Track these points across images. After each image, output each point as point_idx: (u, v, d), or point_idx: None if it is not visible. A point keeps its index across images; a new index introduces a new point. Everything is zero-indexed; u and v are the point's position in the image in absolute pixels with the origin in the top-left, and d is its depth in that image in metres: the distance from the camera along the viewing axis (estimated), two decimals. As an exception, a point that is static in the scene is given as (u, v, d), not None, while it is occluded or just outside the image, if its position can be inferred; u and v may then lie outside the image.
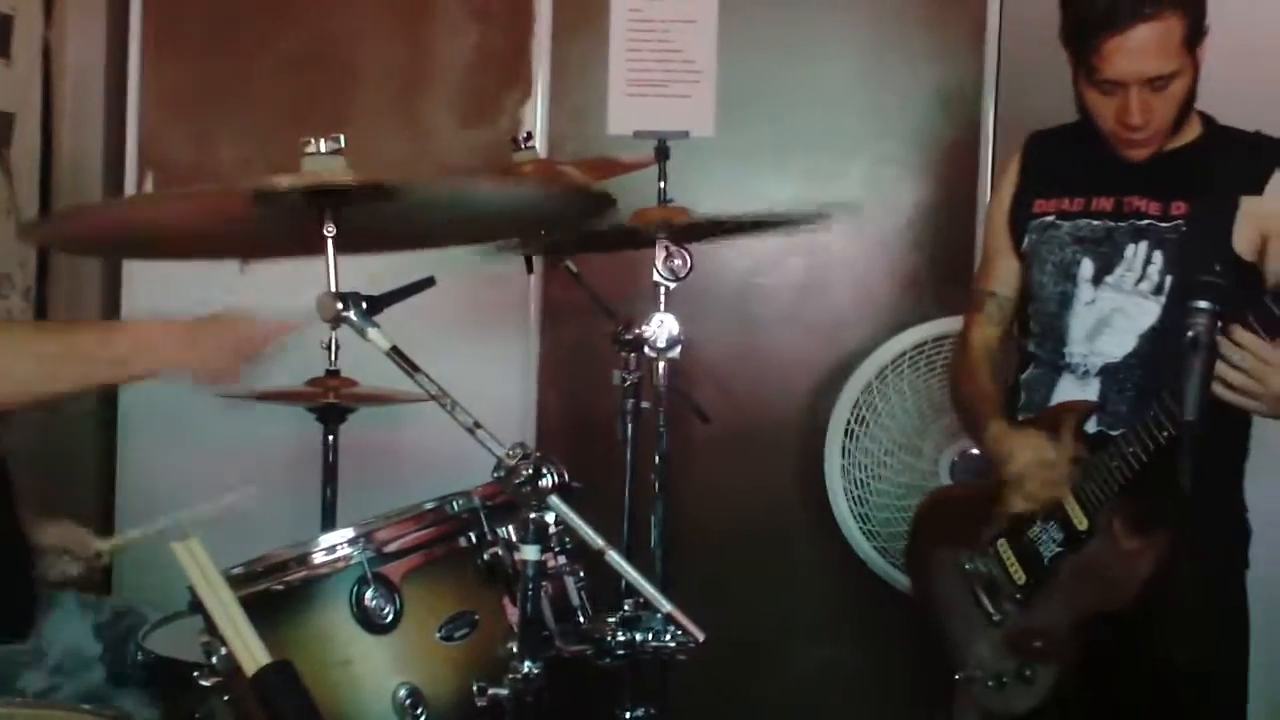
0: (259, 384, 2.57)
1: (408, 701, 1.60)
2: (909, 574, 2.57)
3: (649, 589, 1.57)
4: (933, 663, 2.89)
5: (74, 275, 3.25)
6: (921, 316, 3.11)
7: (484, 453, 1.56)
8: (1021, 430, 2.23)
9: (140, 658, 2.02)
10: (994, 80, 3.20)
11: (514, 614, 1.64)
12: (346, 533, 1.66)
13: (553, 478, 1.53)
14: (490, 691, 1.60)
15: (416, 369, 1.58)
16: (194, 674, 1.65)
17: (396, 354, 1.58)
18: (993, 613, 2.28)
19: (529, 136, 2.51)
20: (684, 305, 2.29)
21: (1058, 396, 2.27)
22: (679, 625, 1.58)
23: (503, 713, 1.59)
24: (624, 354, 2.36)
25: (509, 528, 1.72)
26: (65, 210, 2.84)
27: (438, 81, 3.27)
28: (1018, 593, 2.24)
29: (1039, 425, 2.23)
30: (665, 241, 2.25)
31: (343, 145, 1.65)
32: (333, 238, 1.65)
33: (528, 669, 1.56)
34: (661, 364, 2.27)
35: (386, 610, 1.62)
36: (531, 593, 1.57)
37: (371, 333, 1.60)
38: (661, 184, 2.42)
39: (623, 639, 1.81)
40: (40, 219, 2.79)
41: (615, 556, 1.55)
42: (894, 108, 3.26)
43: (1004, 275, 2.38)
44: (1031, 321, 2.34)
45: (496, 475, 1.55)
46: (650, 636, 1.81)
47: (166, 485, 3.23)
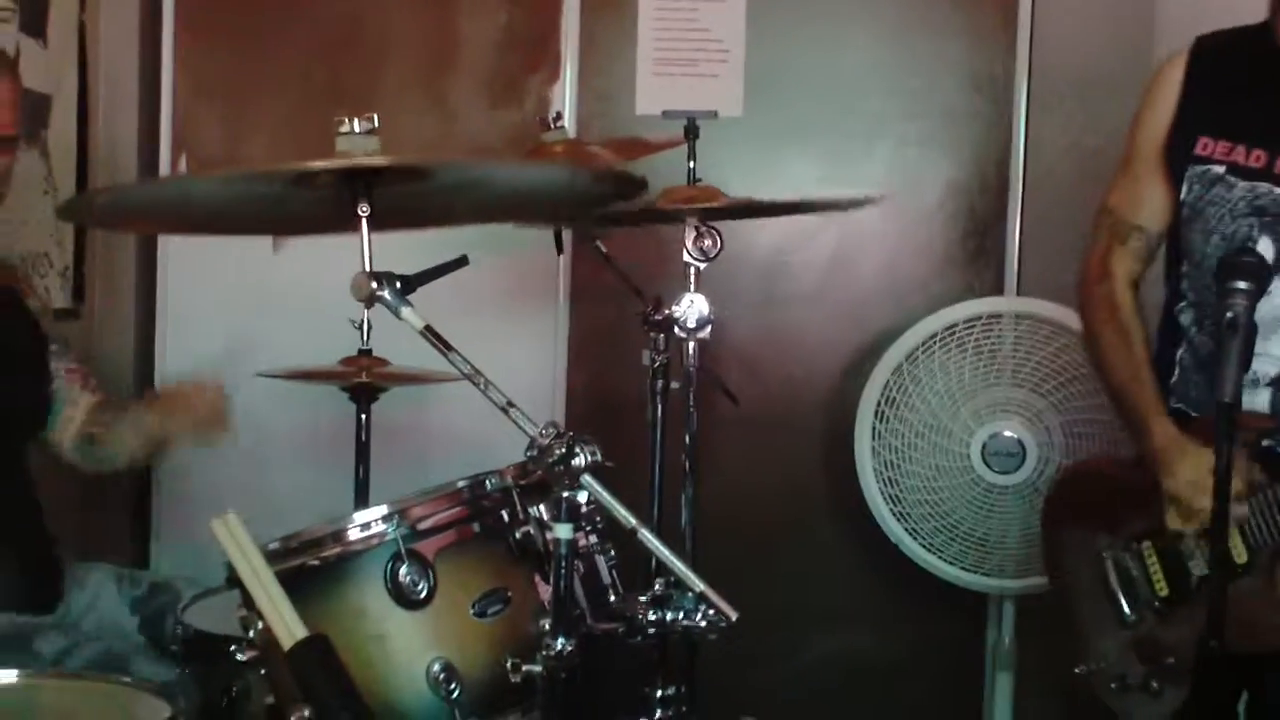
0: (294, 363, 2.61)
1: (442, 676, 1.61)
2: (1042, 538, 2.37)
3: (681, 567, 1.57)
4: (964, 645, 2.88)
5: (110, 256, 3.27)
6: (952, 298, 3.10)
7: (514, 432, 1.57)
8: (1191, 446, 1.96)
9: (178, 632, 2.05)
10: (1027, 57, 3.18)
11: (546, 592, 1.65)
12: (381, 510, 1.67)
13: (586, 457, 1.53)
14: (523, 668, 1.62)
15: (450, 348, 1.59)
16: (231, 648, 1.67)
17: (430, 333, 1.59)
18: (1128, 613, 2.10)
19: (558, 117, 2.50)
20: (711, 285, 2.28)
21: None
22: (711, 604, 1.58)
23: (535, 689, 1.60)
24: (653, 334, 2.36)
25: (541, 506, 1.74)
26: (104, 188, 2.87)
27: (466, 62, 3.27)
28: (1157, 601, 2.07)
29: (1210, 437, 1.88)
30: (695, 221, 2.25)
31: (376, 125, 1.66)
32: (366, 217, 1.66)
33: (560, 645, 1.57)
34: (691, 344, 2.27)
35: (420, 586, 1.63)
36: (564, 571, 1.58)
37: (405, 312, 1.60)
38: (691, 164, 2.42)
39: (654, 617, 1.83)
40: (79, 196, 2.82)
41: (647, 535, 1.56)
42: (923, 87, 3.24)
43: (1155, 209, 2.06)
44: (1185, 285, 2.05)
45: (530, 454, 1.55)
46: (682, 615, 1.82)
47: (201, 463, 3.26)
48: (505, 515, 1.73)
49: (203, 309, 3.22)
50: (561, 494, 1.55)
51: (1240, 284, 1.71)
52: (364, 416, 2.51)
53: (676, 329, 2.26)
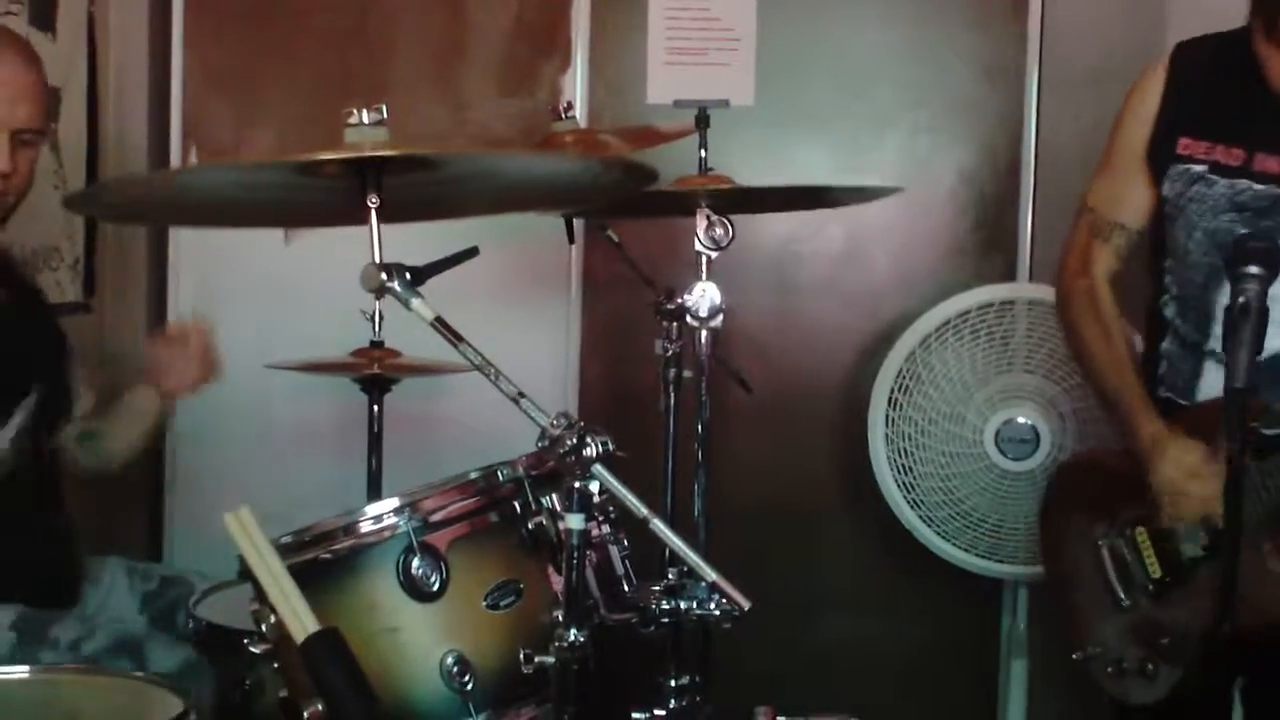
0: (305, 355, 2.60)
1: (455, 669, 1.61)
2: (1040, 530, 2.42)
3: (694, 557, 1.57)
4: (978, 632, 2.88)
5: (121, 249, 3.27)
6: (964, 285, 3.08)
7: (526, 423, 1.56)
8: (1179, 440, 2.02)
9: (190, 625, 2.05)
10: (1038, 46, 3.16)
11: (559, 582, 1.64)
12: (392, 502, 1.67)
13: (597, 447, 1.53)
14: (537, 659, 1.61)
15: (460, 339, 1.59)
16: (244, 641, 1.67)
17: (441, 324, 1.59)
18: (1123, 597, 2.16)
19: (569, 106, 2.50)
20: (723, 274, 2.28)
21: (1204, 387, 2.09)
22: (724, 594, 1.58)
23: (548, 680, 1.60)
24: (665, 323, 2.36)
25: (553, 497, 1.73)
26: (113, 179, 2.87)
27: (477, 51, 3.26)
28: (1150, 584, 2.13)
29: (1199, 426, 2.02)
30: (706, 210, 2.24)
31: (385, 116, 1.65)
32: (376, 208, 1.65)
33: (574, 637, 1.57)
34: (703, 333, 2.26)
35: (433, 578, 1.63)
36: (576, 561, 1.57)
37: (415, 303, 1.60)
38: (702, 152, 2.41)
39: (667, 607, 1.83)
40: (87, 188, 2.82)
41: (659, 525, 1.55)
42: (934, 76, 3.23)
43: (1137, 207, 2.13)
44: (1169, 280, 2.12)
45: (541, 445, 1.55)
46: (695, 605, 1.83)
47: (215, 455, 3.27)
48: (518, 506, 1.73)
49: (213, 302, 3.22)
50: (573, 484, 1.55)
51: (1253, 269, 1.72)
52: (376, 408, 2.51)
53: (689, 318, 2.26)
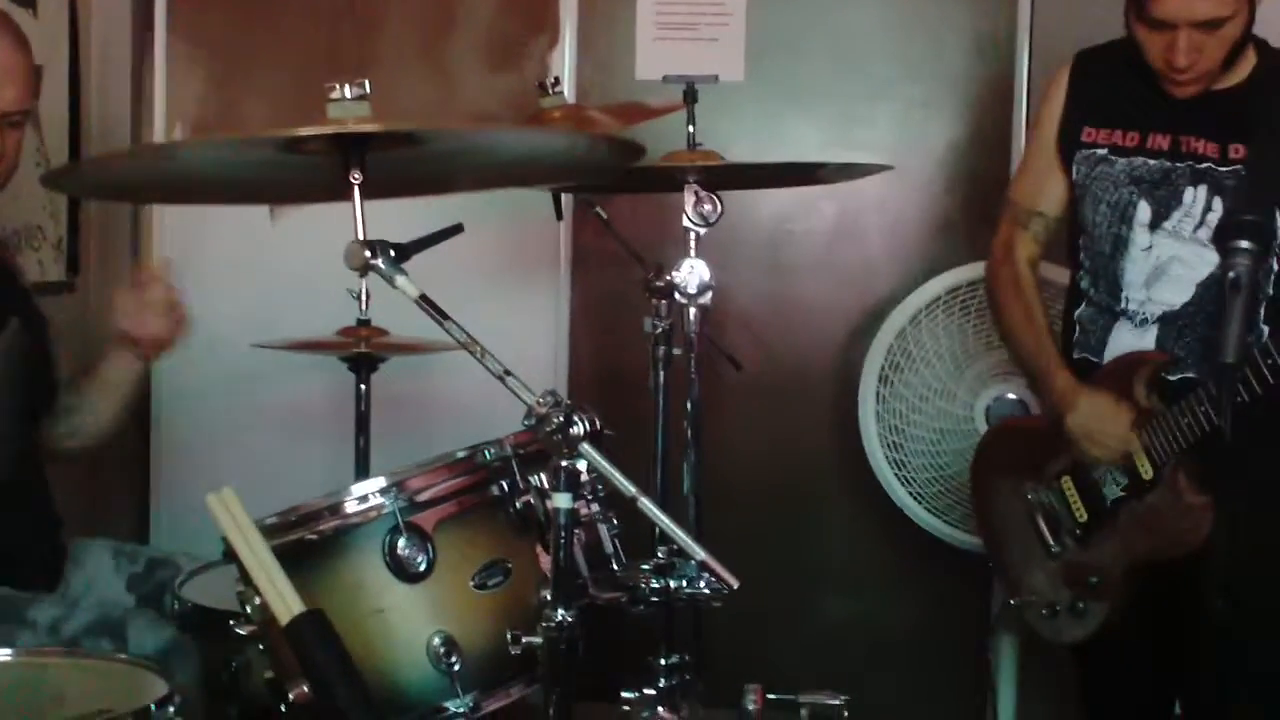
0: (291, 334, 2.58)
1: (442, 650, 1.60)
2: (972, 497, 2.61)
3: (682, 535, 1.55)
4: (970, 607, 2.88)
5: (104, 227, 3.25)
6: (955, 261, 3.07)
7: (515, 401, 1.55)
8: (1090, 390, 2.22)
9: (176, 606, 2.04)
10: (1029, 19, 3.14)
11: (547, 562, 1.63)
12: (378, 482, 1.66)
13: (584, 425, 1.51)
14: (524, 639, 1.60)
15: (446, 316, 1.57)
16: (230, 622, 1.66)
17: (425, 301, 1.57)
18: (1052, 544, 2.33)
19: (557, 82, 2.47)
20: (714, 252, 2.26)
21: (1114, 342, 2.25)
22: (713, 572, 1.57)
23: (537, 660, 1.59)
24: (655, 301, 2.34)
25: (541, 476, 1.72)
26: (95, 157, 2.83)
27: (464, 27, 3.23)
28: (1077, 529, 2.29)
29: (1109, 379, 2.22)
30: (694, 186, 2.22)
31: (368, 91, 1.63)
32: (359, 184, 1.63)
33: (561, 617, 1.55)
34: (692, 310, 2.25)
35: (419, 559, 1.62)
36: (564, 541, 1.56)
37: (400, 280, 1.58)
38: (690, 128, 2.39)
39: (657, 586, 1.82)
40: (67, 165, 2.79)
41: (647, 503, 1.54)
42: (925, 50, 3.21)
43: (1052, 195, 2.34)
44: (1083, 255, 2.31)
45: (527, 423, 1.53)
46: (684, 584, 1.82)
47: (201, 434, 3.25)
48: (505, 485, 1.71)
49: (198, 281, 3.17)
50: (560, 463, 1.53)
51: (1243, 243, 1.80)
52: (363, 387, 2.49)
53: (677, 295, 2.24)
